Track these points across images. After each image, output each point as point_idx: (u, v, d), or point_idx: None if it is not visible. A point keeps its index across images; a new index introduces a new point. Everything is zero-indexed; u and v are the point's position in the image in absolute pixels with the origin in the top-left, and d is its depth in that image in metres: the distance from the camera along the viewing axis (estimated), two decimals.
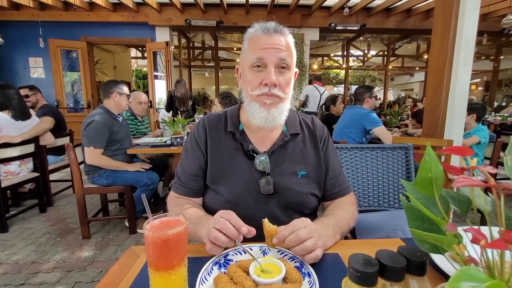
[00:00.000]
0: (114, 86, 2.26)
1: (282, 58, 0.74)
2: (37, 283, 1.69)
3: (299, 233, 0.58)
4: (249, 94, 0.78)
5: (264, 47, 0.74)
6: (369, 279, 0.35)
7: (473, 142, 2.55)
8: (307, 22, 5.75)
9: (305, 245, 0.57)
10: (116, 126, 2.21)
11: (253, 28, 0.79)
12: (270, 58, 0.74)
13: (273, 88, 0.74)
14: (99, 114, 2.13)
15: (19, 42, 5.44)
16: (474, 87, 11.14)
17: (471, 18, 2.09)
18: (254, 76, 0.76)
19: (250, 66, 0.76)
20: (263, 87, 0.75)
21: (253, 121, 0.79)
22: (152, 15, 5.41)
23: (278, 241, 0.59)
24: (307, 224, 0.61)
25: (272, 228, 0.60)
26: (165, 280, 0.47)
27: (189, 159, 0.86)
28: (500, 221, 0.32)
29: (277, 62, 0.74)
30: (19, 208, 2.72)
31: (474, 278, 0.25)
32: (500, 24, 4.85)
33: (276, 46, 0.74)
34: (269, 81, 0.73)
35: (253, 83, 0.76)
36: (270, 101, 0.75)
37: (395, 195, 1.30)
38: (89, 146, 2.07)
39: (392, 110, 4.13)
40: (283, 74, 0.76)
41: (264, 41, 0.75)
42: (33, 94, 3.06)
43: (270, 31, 0.75)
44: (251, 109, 0.78)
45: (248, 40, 0.79)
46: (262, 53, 0.74)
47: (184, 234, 0.49)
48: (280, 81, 0.75)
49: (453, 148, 0.36)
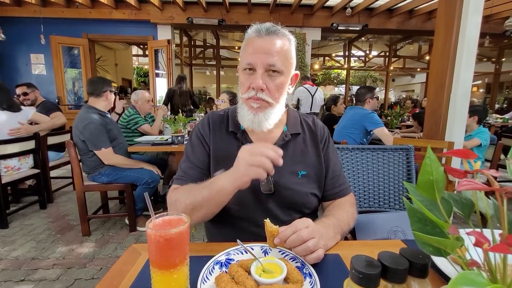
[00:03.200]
0: (106, 84, 2.23)
1: (271, 63, 0.73)
2: (37, 279, 1.69)
3: (301, 233, 0.58)
4: (241, 96, 0.79)
5: (254, 51, 0.74)
6: (372, 281, 0.35)
7: (474, 144, 2.55)
8: (309, 21, 5.74)
9: (307, 245, 0.58)
10: (108, 124, 2.20)
11: (250, 30, 0.78)
12: (258, 62, 0.73)
13: (260, 93, 0.75)
14: (92, 114, 2.10)
15: (21, 38, 5.44)
16: (475, 89, 11.13)
17: (474, 20, 2.08)
18: (245, 80, 0.77)
19: (242, 69, 0.77)
20: (251, 91, 0.75)
21: (242, 123, 0.81)
22: (154, 13, 5.41)
23: (280, 241, 0.59)
24: (308, 224, 0.61)
25: (274, 228, 0.60)
26: (167, 278, 0.47)
27: (196, 152, 0.85)
28: (503, 224, 0.33)
29: (266, 66, 0.73)
30: (19, 205, 2.72)
31: (473, 282, 0.25)
32: (503, 26, 4.85)
33: (266, 51, 0.73)
34: (255, 85, 0.74)
35: (244, 86, 0.77)
36: (257, 105, 0.76)
37: (395, 197, 1.30)
38: (100, 148, 2.07)
39: (393, 111, 4.12)
40: (273, 78, 0.75)
41: (255, 44, 0.74)
42: (31, 91, 3.06)
43: (262, 33, 0.74)
44: (241, 111, 0.80)
45: (245, 41, 0.79)
46: (251, 57, 0.74)
47: (187, 233, 0.49)
48: (269, 86, 0.75)
49: (457, 151, 0.36)
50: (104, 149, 2.09)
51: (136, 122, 2.84)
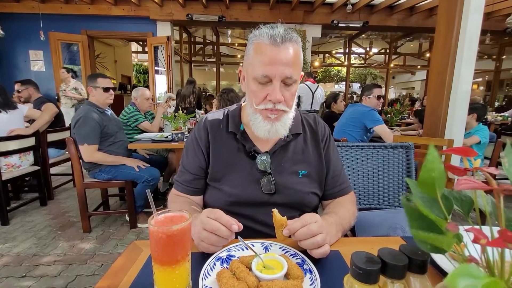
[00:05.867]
0: (88, 80, 2.19)
1: (289, 75, 0.70)
2: (38, 275, 1.71)
3: (311, 227, 0.58)
4: (253, 106, 0.76)
5: (270, 62, 0.69)
6: (371, 277, 0.36)
7: (473, 142, 2.55)
8: (309, 18, 5.71)
9: (316, 239, 0.58)
10: (105, 120, 2.17)
11: (259, 32, 0.72)
12: (276, 74, 0.70)
13: (278, 104, 0.72)
14: (85, 110, 2.09)
15: (20, 34, 5.41)
16: (476, 86, 11.12)
17: (474, 17, 2.08)
18: (259, 90, 0.73)
19: (254, 78, 0.72)
20: (268, 103, 0.73)
21: (256, 132, 0.78)
22: (153, 9, 5.38)
23: (289, 233, 0.60)
24: (317, 219, 0.61)
25: (282, 219, 0.61)
26: (169, 274, 0.48)
27: (189, 158, 0.86)
28: (500, 221, 0.33)
29: (283, 78, 0.71)
30: (19, 201, 2.73)
31: (472, 276, 0.26)
32: (504, 23, 4.83)
33: (283, 62, 0.69)
34: (274, 98, 0.71)
35: (258, 96, 0.74)
36: (275, 115, 0.74)
37: (395, 194, 1.30)
38: (83, 144, 2.04)
39: (393, 109, 4.12)
40: (288, 88, 0.73)
41: (270, 53, 0.69)
42: (24, 89, 3.01)
43: (278, 42, 0.69)
44: (254, 121, 0.77)
45: (254, 45, 0.73)
46: (268, 70, 0.70)
47: (188, 229, 0.49)
48: (286, 96, 0.73)
49: (457, 149, 0.36)
50: (87, 145, 2.04)
51: (136, 119, 2.84)
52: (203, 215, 0.62)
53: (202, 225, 0.60)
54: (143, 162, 2.30)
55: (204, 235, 0.60)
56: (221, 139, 0.84)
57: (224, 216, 0.61)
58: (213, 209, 0.63)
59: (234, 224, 0.60)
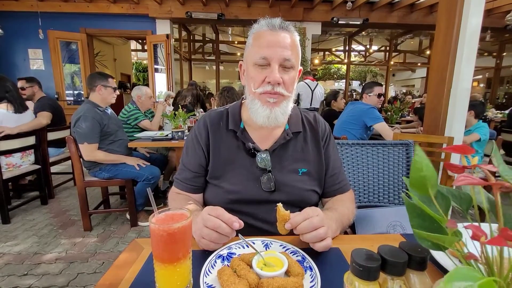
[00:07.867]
0: (98, 79, 2.21)
1: (287, 57, 0.72)
2: (39, 273, 1.71)
3: (313, 220, 0.59)
4: (252, 91, 0.77)
5: (268, 45, 0.72)
6: (371, 274, 0.36)
7: (473, 139, 2.55)
8: (309, 16, 5.69)
9: (318, 232, 0.58)
10: (105, 119, 2.17)
11: (259, 24, 0.76)
12: (274, 56, 0.72)
13: (277, 87, 0.73)
14: (86, 109, 2.10)
15: (19, 33, 5.39)
16: (476, 83, 11.09)
17: (475, 14, 2.07)
18: (258, 73, 0.74)
19: (254, 63, 0.74)
20: (266, 85, 0.73)
21: (255, 120, 0.78)
22: (152, 7, 5.35)
23: (291, 227, 0.60)
24: (319, 213, 0.62)
25: (286, 213, 0.61)
26: (170, 272, 0.48)
27: (189, 156, 0.86)
28: (499, 218, 0.33)
29: (281, 61, 0.72)
30: (20, 200, 2.74)
31: (467, 277, 0.26)
32: (504, 20, 4.81)
33: (281, 44, 0.72)
34: (273, 79, 0.72)
35: (256, 80, 0.75)
36: (274, 99, 0.74)
37: (395, 191, 1.31)
38: (83, 142, 2.04)
39: (393, 106, 4.11)
40: (287, 72, 0.74)
41: (269, 38, 0.73)
42: (29, 86, 3.01)
43: (276, 27, 0.73)
44: (253, 107, 0.77)
45: (253, 35, 0.77)
46: (266, 51, 0.72)
47: (189, 227, 0.50)
48: (285, 79, 0.74)
49: (454, 147, 0.37)
50: (87, 144, 2.05)
51: (136, 117, 2.84)
52: (204, 212, 0.62)
53: (203, 222, 0.61)
54: (143, 161, 2.30)
55: (205, 232, 0.60)
56: (221, 137, 0.84)
57: (226, 213, 0.61)
58: (214, 207, 0.63)
59: (236, 222, 0.60)
